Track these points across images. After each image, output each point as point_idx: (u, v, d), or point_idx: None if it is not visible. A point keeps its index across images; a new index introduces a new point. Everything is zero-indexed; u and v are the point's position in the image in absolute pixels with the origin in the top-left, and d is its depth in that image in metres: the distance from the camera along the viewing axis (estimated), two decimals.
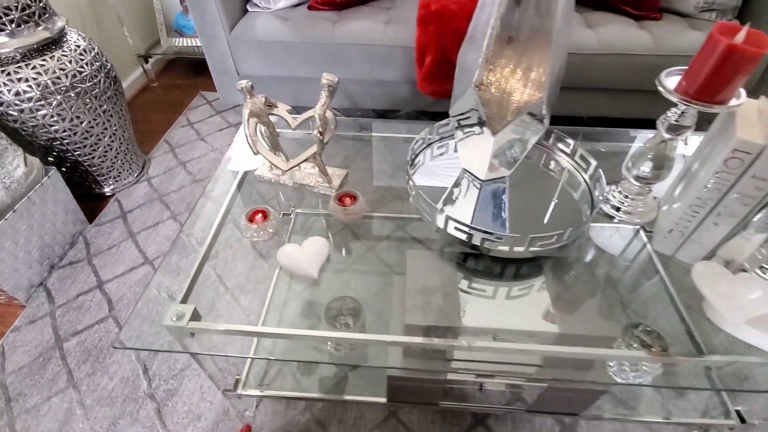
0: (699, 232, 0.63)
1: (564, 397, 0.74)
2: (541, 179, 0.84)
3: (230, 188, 0.83)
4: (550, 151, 0.87)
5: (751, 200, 0.56)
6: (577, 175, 0.81)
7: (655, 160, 0.65)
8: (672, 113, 0.61)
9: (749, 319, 0.55)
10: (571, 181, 0.81)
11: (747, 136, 0.52)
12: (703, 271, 0.61)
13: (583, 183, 0.79)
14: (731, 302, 0.57)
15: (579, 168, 0.81)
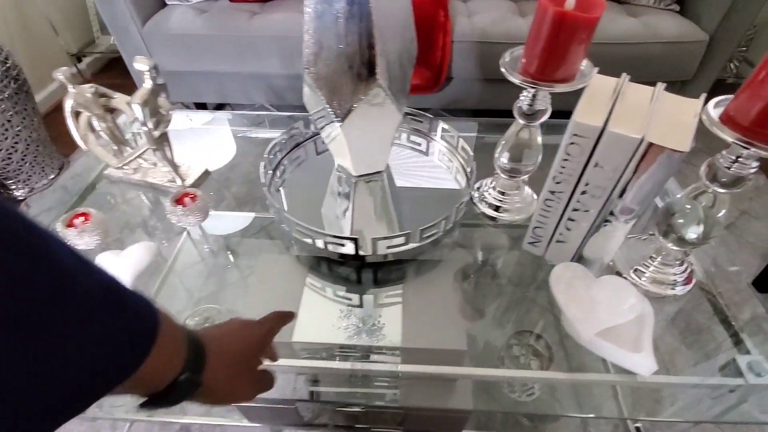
0: (561, 229, 0.55)
1: (430, 418, 0.67)
2: (430, 174, 0.77)
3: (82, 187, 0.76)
4: (434, 141, 0.80)
5: (601, 192, 0.48)
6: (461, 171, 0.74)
7: (515, 149, 0.58)
8: (523, 97, 0.54)
9: (600, 331, 0.48)
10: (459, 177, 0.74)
11: (584, 119, 0.45)
12: (561, 274, 0.53)
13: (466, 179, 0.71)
14: (584, 311, 0.50)
15: (462, 162, 0.74)
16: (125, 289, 0.23)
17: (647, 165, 0.44)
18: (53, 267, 0.18)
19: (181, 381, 0.26)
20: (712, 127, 0.41)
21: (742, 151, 0.42)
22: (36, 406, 0.18)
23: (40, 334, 0.17)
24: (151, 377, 0.25)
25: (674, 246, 0.51)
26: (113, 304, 0.21)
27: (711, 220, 0.47)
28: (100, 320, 0.20)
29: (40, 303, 0.17)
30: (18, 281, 0.16)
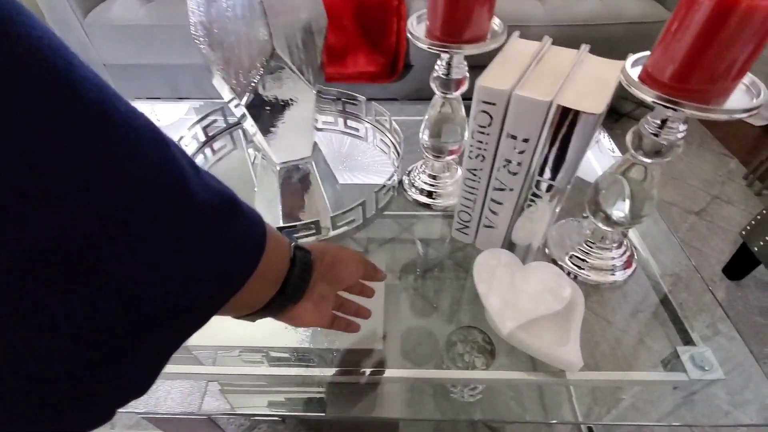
0: (486, 213, 0.50)
1: (355, 426, 0.61)
2: (370, 161, 0.71)
3: None
4: (370, 126, 0.74)
5: (518, 167, 0.43)
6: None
7: (435, 125, 0.52)
8: (437, 66, 0.48)
9: (523, 323, 0.42)
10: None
11: (489, 82, 0.39)
12: (484, 263, 0.48)
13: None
14: (506, 302, 0.44)
15: (396, 146, 0.68)
16: (235, 196, 0.23)
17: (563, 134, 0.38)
18: (176, 176, 0.18)
19: (295, 250, 0.29)
20: (631, 87, 0.36)
21: (668, 114, 0.37)
22: (166, 310, 0.18)
23: (163, 246, 0.17)
24: (273, 266, 0.26)
25: (604, 226, 0.46)
26: (230, 214, 0.22)
27: (641, 195, 0.42)
28: (217, 233, 0.20)
29: (164, 215, 0.17)
30: (144, 192, 0.16)
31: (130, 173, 0.16)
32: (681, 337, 0.48)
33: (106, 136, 0.15)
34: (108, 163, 0.15)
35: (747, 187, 1.33)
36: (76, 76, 0.14)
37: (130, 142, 0.16)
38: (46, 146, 0.13)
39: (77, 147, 0.14)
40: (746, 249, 0.99)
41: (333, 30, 1.17)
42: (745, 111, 0.32)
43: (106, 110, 0.15)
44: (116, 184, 0.15)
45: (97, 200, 0.15)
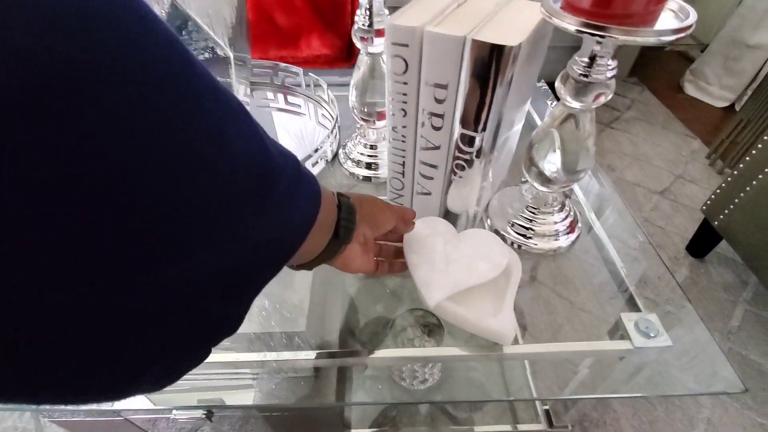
0: (417, 178, 0.45)
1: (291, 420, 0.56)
2: (312, 138, 0.66)
3: None
4: (310, 101, 0.69)
5: (441, 121, 0.38)
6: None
7: (363, 85, 0.48)
8: (358, 15, 0.43)
9: (453, 294, 0.38)
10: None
11: (400, 20, 0.35)
12: (417, 231, 0.43)
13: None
14: (435, 271, 0.40)
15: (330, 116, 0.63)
16: (297, 158, 0.24)
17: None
18: (262, 146, 0.19)
19: (339, 198, 0.31)
20: (552, 17, 0.32)
21: (595, 48, 0.33)
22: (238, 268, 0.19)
23: (257, 210, 0.19)
24: (326, 216, 0.28)
25: (540, 185, 0.42)
26: (299, 176, 0.23)
27: (575, 147, 0.38)
28: (293, 194, 0.22)
29: (259, 181, 0.19)
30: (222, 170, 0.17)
31: (235, 146, 0.17)
32: (629, 306, 0.45)
33: (219, 117, 0.16)
34: (220, 139, 0.16)
35: (709, 167, 1.33)
36: (194, 70, 0.15)
37: (235, 119, 0.17)
38: (182, 130, 0.15)
39: (202, 129, 0.15)
40: (708, 225, 0.98)
41: (283, 10, 1.11)
42: (675, 31, 0.28)
43: (216, 89, 0.17)
44: (225, 156, 0.16)
45: (212, 173, 0.16)
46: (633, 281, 0.47)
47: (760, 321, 0.93)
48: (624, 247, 0.50)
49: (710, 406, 0.80)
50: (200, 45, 0.48)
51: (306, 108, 0.70)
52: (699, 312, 0.43)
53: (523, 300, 0.48)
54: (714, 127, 1.49)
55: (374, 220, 0.35)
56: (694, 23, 0.30)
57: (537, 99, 0.71)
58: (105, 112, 0.12)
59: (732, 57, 1.49)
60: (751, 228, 0.86)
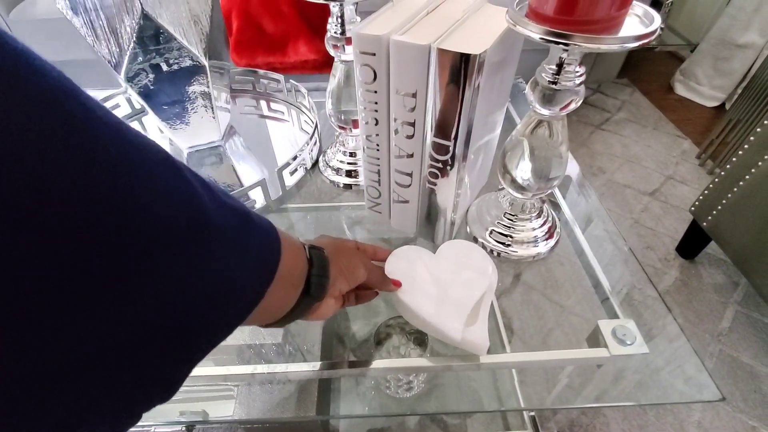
0: (393, 186, 0.45)
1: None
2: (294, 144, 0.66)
3: None
4: (292, 107, 0.69)
5: (412, 129, 0.38)
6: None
7: (338, 92, 0.48)
8: (330, 23, 0.43)
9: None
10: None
11: (366, 29, 0.35)
12: (395, 268, 0.41)
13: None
14: (439, 302, 0.38)
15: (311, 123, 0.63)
16: (248, 211, 0.23)
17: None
18: (193, 203, 0.18)
19: (311, 251, 0.29)
20: (517, 25, 0.32)
21: (562, 55, 0.33)
22: (175, 338, 0.18)
23: (182, 270, 0.17)
24: (291, 271, 0.26)
25: (514, 192, 0.41)
26: (245, 233, 0.22)
27: (547, 154, 0.38)
28: (236, 252, 0.20)
29: (183, 242, 0.17)
30: (157, 216, 0.16)
31: (149, 204, 0.16)
32: (608, 313, 0.44)
33: (126, 171, 0.15)
34: (129, 196, 0.15)
35: (700, 167, 1.33)
36: (93, 116, 0.15)
37: (148, 174, 0.16)
38: (71, 183, 0.13)
39: (99, 182, 0.14)
40: (698, 226, 0.97)
41: (271, 17, 1.11)
42: (637, 38, 0.28)
43: (124, 146, 0.15)
44: (137, 214, 0.15)
45: (117, 230, 0.15)
46: (616, 288, 0.46)
47: (751, 322, 0.93)
48: (606, 254, 0.50)
49: (701, 409, 0.80)
50: (174, 55, 0.48)
51: (289, 115, 0.70)
52: (688, 314, 0.43)
53: (511, 304, 0.47)
54: (704, 127, 1.49)
55: (351, 274, 0.33)
56: (657, 29, 0.29)
57: (522, 102, 0.70)
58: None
59: (722, 57, 1.49)
60: (740, 229, 0.86)
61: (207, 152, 0.62)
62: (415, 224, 0.48)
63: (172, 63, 0.49)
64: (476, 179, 0.50)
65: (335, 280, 0.31)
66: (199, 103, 0.54)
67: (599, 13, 0.29)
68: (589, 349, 0.40)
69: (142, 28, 0.44)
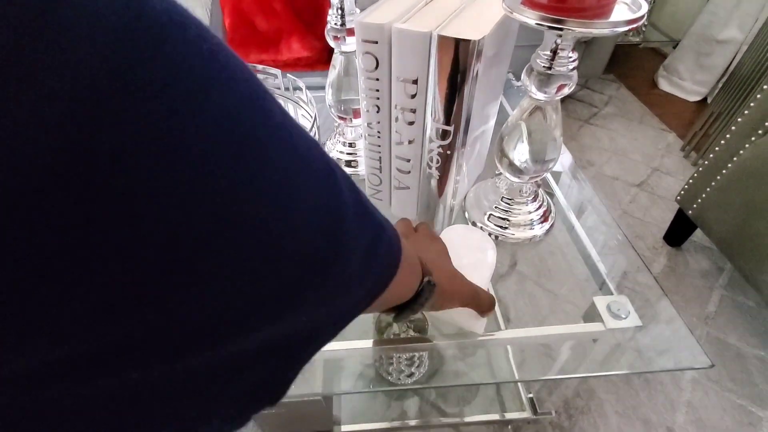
0: (394, 173, 0.46)
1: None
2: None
3: None
4: (291, 102, 0.70)
5: (413, 116, 0.40)
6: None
7: (338, 83, 0.49)
8: (330, 14, 0.44)
9: None
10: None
11: (368, 18, 0.36)
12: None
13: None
14: None
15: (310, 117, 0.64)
16: (383, 225, 0.21)
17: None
18: (335, 216, 0.16)
19: (425, 284, 0.27)
20: (513, 12, 0.33)
21: (556, 41, 0.35)
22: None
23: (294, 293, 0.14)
24: (393, 297, 0.25)
25: (511, 175, 0.43)
26: (372, 255, 0.19)
27: (542, 137, 0.40)
28: (354, 280, 0.18)
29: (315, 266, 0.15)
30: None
31: (301, 215, 0.14)
32: (602, 290, 0.46)
33: (287, 194, 0.13)
34: (285, 207, 0.13)
35: (684, 159, 1.37)
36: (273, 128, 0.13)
37: (306, 195, 0.14)
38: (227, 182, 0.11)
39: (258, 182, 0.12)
40: (683, 215, 1.01)
41: (263, 14, 1.12)
42: (627, 23, 0.30)
43: (293, 161, 0.13)
44: (283, 244, 0.13)
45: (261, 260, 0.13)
46: (610, 272, 0.48)
47: (736, 305, 0.96)
48: (599, 238, 0.52)
49: (690, 389, 0.82)
50: None
51: (286, 109, 0.70)
52: (675, 299, 0.45)
53: (506, 292, 0.49)
54: (687, 120, 1.53)
55: (440, 306, 0.32)
56: (645, 14, 0.31)
57: (514, 97, 0.72)
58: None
59: (703, 52, 1.53)
60: (723, 216, 0.89)
61: None
62: (416, 210, 0.49)
63: None
64: (473, 167, 0.51)
65: (439, 297, 0.29)
66: None
67: (590, 0, 0.31)
68: (587, 324, 0.42)
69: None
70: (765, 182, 0.80)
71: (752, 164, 0.83)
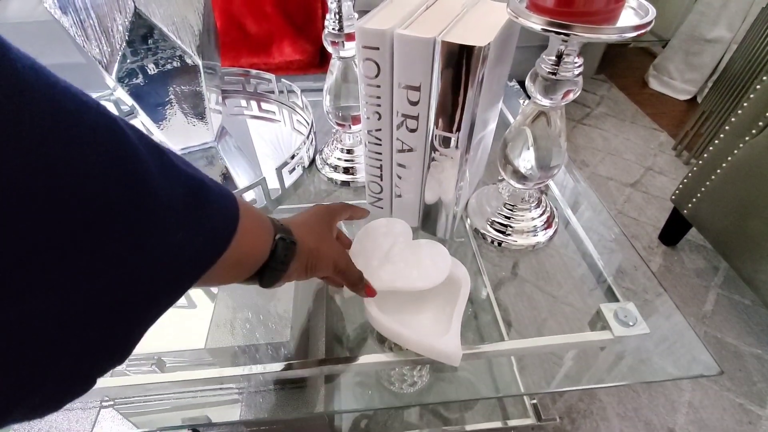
0: (395, 180, 0.45)
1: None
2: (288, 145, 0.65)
3: None
4: (284, 107, 0.69)
5: (416, 123, 0.39)
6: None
7: (336, 89, 0.48)
8: (328, 19, 0.43)
9: (397, 316, 0.37)
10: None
11: (369, 24, 0.35)
12: (374, 228, 0.41)
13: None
14: (368, 267, 0.38)
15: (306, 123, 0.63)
16: (204, 182, 0.22)
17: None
18: (133, 170, 0.17)
19: (278, 240, 0.28)
20: (519, 17, 0.32)
21: (560, 47, 0.34)
22: (111, 310, 0.18)
23: (122, 241, 0.17)
24: (245, 255, 0.26)
25: (516, 182, 0.42)
26: (194, 207, 0.21)
27: (547, 144, 0.39)
28: (180, 227, 0.20)
29: (120, 212, 0.17)
30: (99, 186, 0.16)
31: (82, 178, 0.15)
32: (608, 297, 0.46)
33: (58, 140, 0.15)
34: (58, 171, 0.14)
35: (676, 158, 1.38)
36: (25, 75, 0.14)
37: (82, 143, 0.15)
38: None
39: (29, 153, 0.14)
40: (678, 214, 1.01)
41: (254, 17, 1.10)
42: (635, 28, 0.29)
43: (59, 112, 0.15)
44: (68, 189, 0.15)
45: (48, 198, 0.14)
46: (611, 273, 0.48)
47: (733, 304, 0.96)
48: (600, 240, 0.51)
49: (690, 389, 0.82)
50: (167, 54, 0.47)
51: (280, 115, 0.69)
52: (674, 299, 0.45)
53: (506, 296, 0.48)
54: (679, 119, 1.55)
55: (313, 270, 0.32)
56: (653, 20, 0.31)
57: (510, 98, 0.72)
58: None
59: (692, 52, 1.55)
60: (718, 215, 0.89)
61: (200, 154, 0.61)
62: (417, 218, 0.48)
63: (163, 62, 0.48)
64: (474, 173, 0.50)
65: (292, 273, 0.30)
66: (191, 103, 0.54)
67: (597, 4, 0.30)
68: (594, 332, 0.41)
69: (133, 26, 0.44)
70: (759, 181, 0.80)
71: (746, 163, 0.83)
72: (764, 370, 0.85)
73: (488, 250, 0.49)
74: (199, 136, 0.59)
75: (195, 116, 0.56)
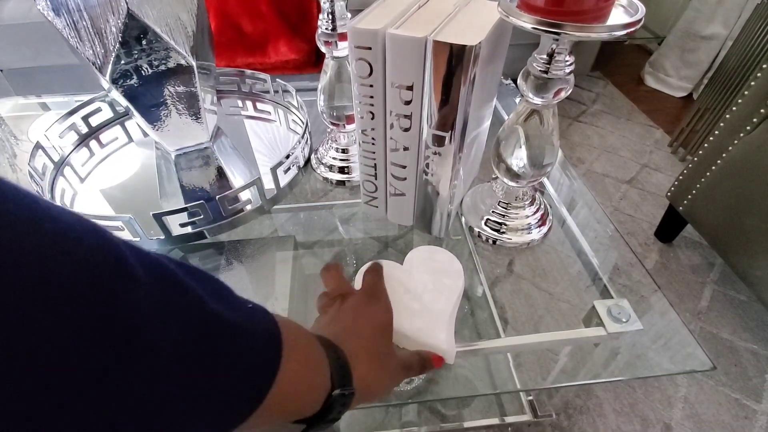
0: (390, 179, 0.46)
1: None
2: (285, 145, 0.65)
3: None
4: (280, 107, 0.69)
5: (409, 122, 0.39)
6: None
7: (330, 89, 0.48)
8: (321, 19, 0.43)
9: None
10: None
11: (361, 24, 0.35)
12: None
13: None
14: (422, 317, 0.38)
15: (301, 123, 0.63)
16: (241, 306, 0.20)
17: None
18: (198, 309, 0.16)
19: (335, 397, 0.23)
20: (510, 16, 0.33)
21: (552, 45, 0.34)
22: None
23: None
24: (293, 400, 0.21)
25: (509, 180, 0.43)
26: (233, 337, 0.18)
27: (540, 142, 0.39)
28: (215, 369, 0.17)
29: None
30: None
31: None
32: (602, 294, 0.46)
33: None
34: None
35: (672, 155, 1.39)
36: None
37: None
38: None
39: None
40: (674, 211, 1.01)
41: (249, 17, 1.10)
42: (625, 26, 0.29)
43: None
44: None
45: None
46: (606, 270, 0.48)
47: (728, 300, 0.97)
48: (596, 238, 0.51)
49: (686, 385, 0.83)
50: (161, 55, 0.47)
51: (276, 114, 0.69)
52: (669, 295, 0.45)
53: (503, 294, 0.49)
54: (674, 116, 1.55)
55: (376, 395, 0.28)
56: (642, 18, 0.31)
57: (505, 96, 0.72)
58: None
59: (688, 48, 1.55)
60: (713, 211, 0.90)
61: (195, 154, 0.61)
62: (412, 217, 0.49)
63: (158, 63, 0.48)
64: (469, 171, 0.51)
65: (356, 401, 0.25)
66: (186, 104, 0.54)
67: (587, 3, 0.31)
68: (587, 329, 0.42)
69: (127, 27, 0.44)
70: (754, 177, 0.81)
71: (741, 160, 0.84)
72: (759, 365, 0.86)
73: (484, 248, 0.49)
74: (195, 136, 0.59)
75: (190, 117, 0.56)
